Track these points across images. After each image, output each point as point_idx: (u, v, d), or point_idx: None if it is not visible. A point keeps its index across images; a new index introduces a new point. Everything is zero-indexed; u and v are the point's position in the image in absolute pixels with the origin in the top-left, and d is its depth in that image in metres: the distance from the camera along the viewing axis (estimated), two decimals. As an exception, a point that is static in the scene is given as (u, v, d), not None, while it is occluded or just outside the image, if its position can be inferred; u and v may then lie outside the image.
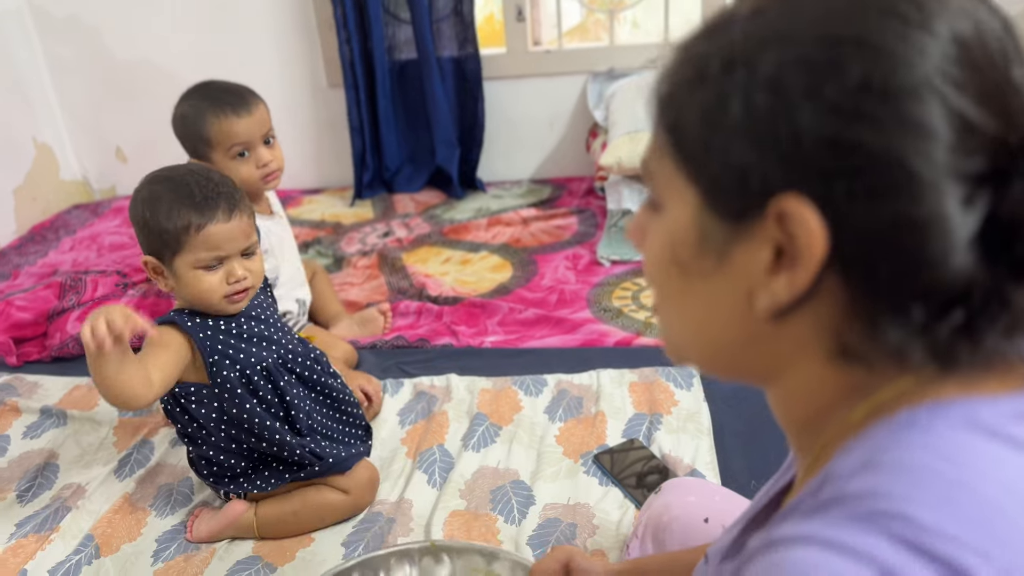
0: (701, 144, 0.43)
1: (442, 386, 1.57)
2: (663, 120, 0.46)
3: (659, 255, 0.48)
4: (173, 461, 1.42)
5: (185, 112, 1.54)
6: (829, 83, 0.39)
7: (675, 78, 0.45)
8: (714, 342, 0.48)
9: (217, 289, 1.13)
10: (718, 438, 1.36)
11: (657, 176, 0.48)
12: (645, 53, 2.48)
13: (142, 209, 1.13)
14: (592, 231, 2.18)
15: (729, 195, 0.43)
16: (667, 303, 0.50)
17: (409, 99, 2.57)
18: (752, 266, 0.43)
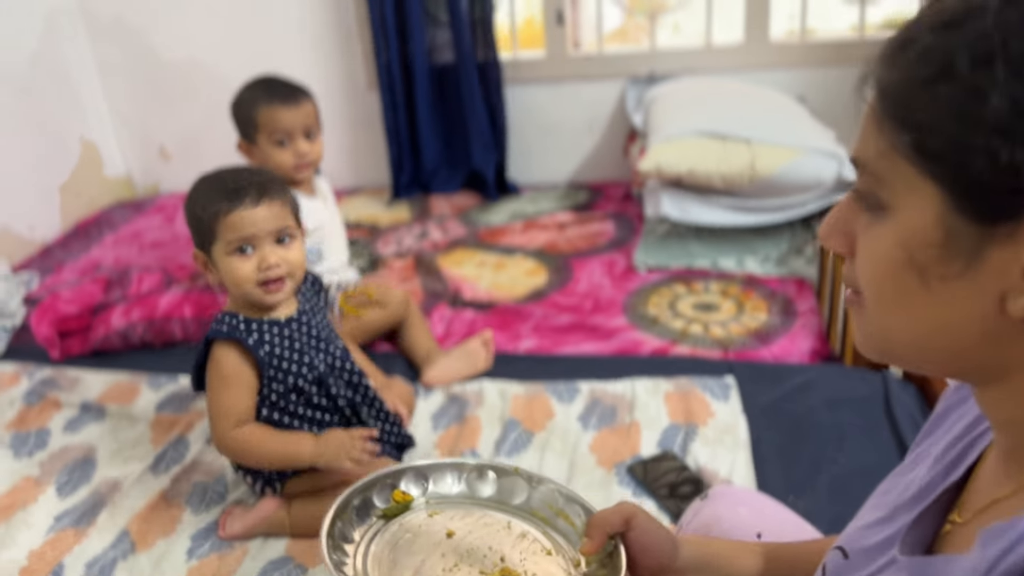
0: (954, 144, 0.42)
1: (474, 391, 1.56)
2: (894, 119, 0.45)
3: (887, 258, 0.47)
4: (208, 459, 1.43)
5: (243, 97, 1.66)
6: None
7: (906, 75, 0.44)
8: (948, 345, 0.47)
9: (251, 276, 1.15)
10: (755, 451, 1.34)
11: (885, 177, 0.46)
12: (686, 58, 2.45)
13: (190, 206, 1.18)
14: (629, 237, 2.16)
15: (986, 196, 0.41)
16: (889, 307, 0.49)
17: (447, 102, 2.57)
18: (1008, 268, 0.42)
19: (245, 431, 1.18)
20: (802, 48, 2.39)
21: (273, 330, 1.20)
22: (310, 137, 1.64)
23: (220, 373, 1.17)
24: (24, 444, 1.51)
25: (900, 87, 0.45)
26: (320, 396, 1.25)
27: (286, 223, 1.18)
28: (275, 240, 1.16)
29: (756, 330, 1.68)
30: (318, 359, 1.23)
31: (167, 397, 1.61)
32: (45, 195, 2.51)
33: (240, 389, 1.17)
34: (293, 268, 1.18)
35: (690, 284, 1.88)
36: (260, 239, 1.15)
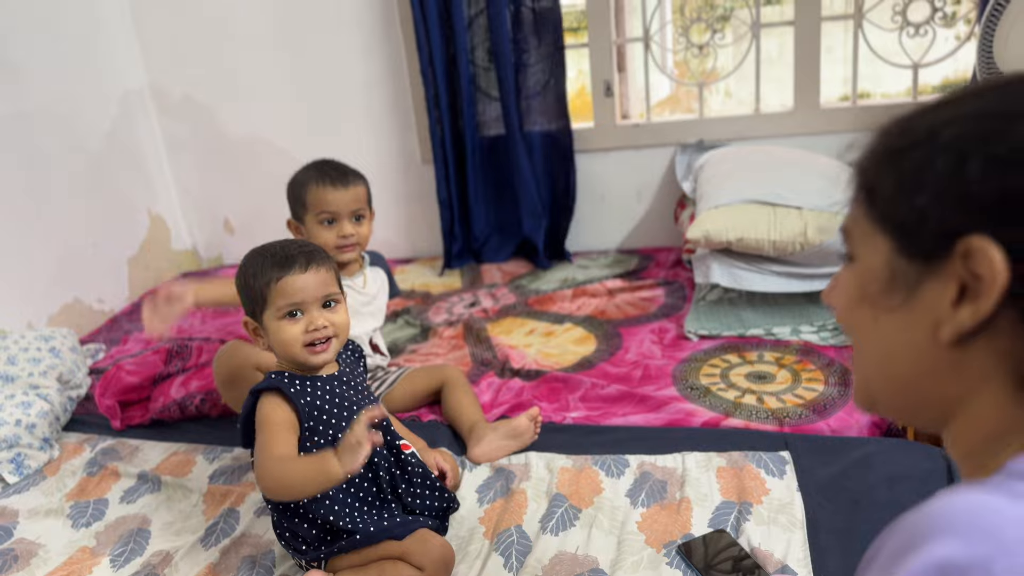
0: (894, 201, 0.53)
1: (520, 463, 1.55)
2: (859, 187, 0.56)
3: (850, 297, 0.58)
4: (258, 531, 1.44)
5: (297, 177, 1.73)
6: (999, 142, 0.47)
7: (870, 154, 0.56)
8: (901, 375, 0.55)
9: (298, 337, 1.20)
10: (811, 533, 1.28)
11: (853, 234, 0.57)
12: (735, 125, 2.46)
13: (240, 276, 1.25)
14: (680, 304, 2.14)
15: (919, 240, 0.51)
16: (860, 341, 0.59)
17: (496, 172, 2.63)
18: (939, 300, 0.50)
19: (278, 459, 1.17)
20: (852, 112, 2.37)
21: (316, 384, 1.24)
22: (359, 220, 1.69)
23: (265, 419, 1.20)
24: (83, 514, 1.54)
25: (865, 165, 0.56)
26: None
27: (332, 289, 1.24)
28: (322, 304, 1.22)
29: (812, 401, 1.63)
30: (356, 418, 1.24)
31: (221, 468, 1.64)
32: (114, 267, 2.63)
33: (284, 432, 1.20)
34: (339, 329, 1.24)
35: (743, 353, 1.84)
36: (308, 304, 1.21)
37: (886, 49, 2.32)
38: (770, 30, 2.44)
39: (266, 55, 2.68)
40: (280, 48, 2.66)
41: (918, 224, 0.51)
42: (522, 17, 2.44)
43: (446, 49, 2.47)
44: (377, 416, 1.17)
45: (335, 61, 2.64)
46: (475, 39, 2.49)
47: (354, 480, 1.26)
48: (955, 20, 2.33)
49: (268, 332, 1.22)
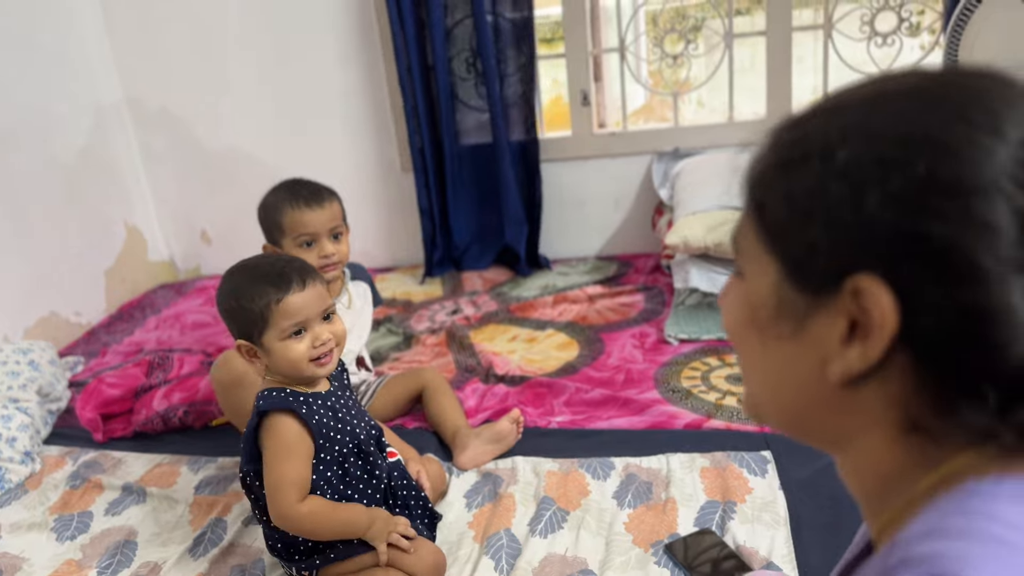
0: (783, 225, 0.48)
1: (507, 468, 1.56)
2: (750, 199, 0.51)
3: (738, 316, 0.54)
4: (247, 541, 1.44)
5: (268, 201, 1.69)
6: (897, 177, 0.42)
7: (762, 162, 0.50)
8: (789, 403, 0.52)
9: (306, 354, 1.20)
10: (795, 529, 1.31)
11: (742, 248, 0.53)
12: (709, 133, 2.50)
13: (227, 300, 1.22)
14: (659, 309, 2.17)
15: (808, 272, 0.47)
16: (747, 361, 0.55)
17: (476, 180, 2.64)
18: (828, 336, 0.47)
19: (309, 505, 1.20)
20: (825, 120, 2.42)
21: (318, 401, 1.24)
22: (337, 238, 1.67)
23: (282, 442, 1.19)
24: (67, 528, 1.53)
25: (755, 173, 0.51)
26: (361, 468, 1.27)
27: (328, 301, 1.24)
28: (322, 318, 1.21)
29: (791, 402, 1.67)
30: (359, 428, 1.27)
31: (206, 478, 1.64)
32: (91, 280, 2.60)
33: (302, 458, 1.20)
34: (340, 340, 1.25)
35: (722, 355, 1.88)
36: (311, 320, 1.20)
37: (855, 58, 2.38)
38: (741, 40, 2.49)
39: (243, 65, 2.68)
40: (257, 58, 2.66)
41: (807, 255, 0.46)
42: (500, 28, 2.47)
43: (423, 58, 2.49)
44: (412, 534, 1.26)
45: (312, 70, 2.65)
46: (453, 49, 2.52)
47: (353, 488, 1.27)
48: (920, 30, 2.40)
49: (270, 353, 1.20)
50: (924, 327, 0.42)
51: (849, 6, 2.38)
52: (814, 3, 2.48)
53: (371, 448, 1.28)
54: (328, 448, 1.23)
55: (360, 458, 1.27)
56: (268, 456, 1.21)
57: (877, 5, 2.32)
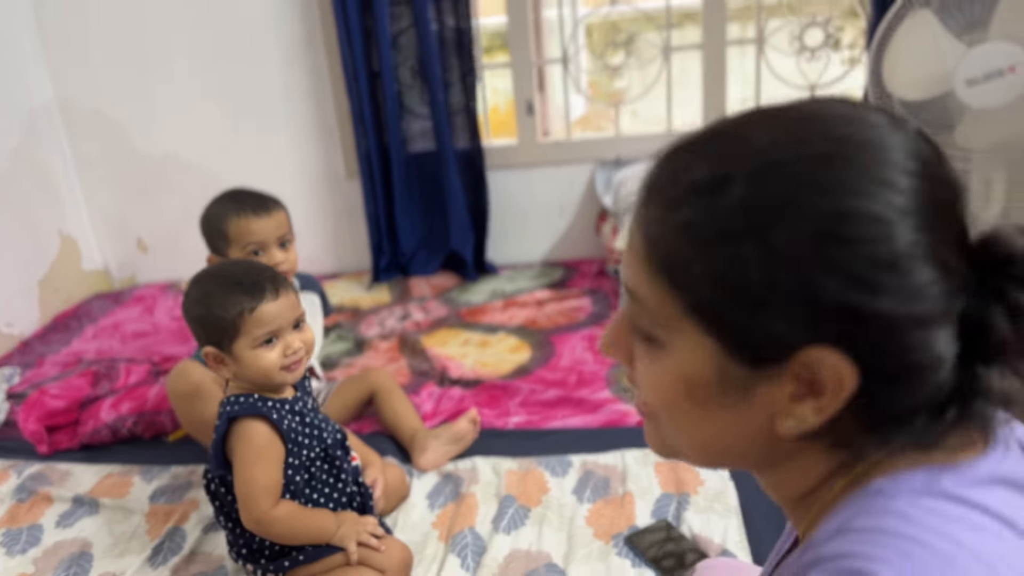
0: (719, 305, 0.46)
1: (467, 468, 1.59)
2: (664, 271, 0.48)
3: (668, 390, 0.51)
4: (208, 548, 1.43)
5: (211, 211, 1.65)
6: (843, 257, 0.43)
7: (673, 226, 0.48)
8: (723, 451, 0.53)
9: (277, 363, 1.21)
10: (747, 518, 1.39)
11: (659, 318, 0.49)
12: (649, 142, 2.59)
13: (196, 307, 1.22)
14: (606, 312, 2.24)
15: (754, 349, 0.46)
16: (675, 426, 0.53)
17: (423, 187, 2.67)
18: (776, 397, 0.47)
19: (281, 509, 1.21)
20: (757, 130, 2.54)
21: (285, 407, 1.24)
22: (284, 246, 1.64)
23: (254, 447, 1.19)
24: (16, 541, 1.49)
25: (664, 236, 0.48)
26: (327, 472, 1.28)
27: (300, 310, 1.25)
28: (293, 327, 1.22)
29: (736, 398, 1.75)
30: (324, 433, 1.28)
31: (160, 487, 1.61)
32: (24, 290, 2.52)
33: (274, 463, 1.21)
34: (309, 347, 1.25)
35: (669, 356, 1.95)
36: (283, 329, 1.21)
37: (786, 71, 2.51)
38: (675, 52, 2.59)
39: (181, 69, 2.64)
40: (196, 62, 2.63)
41: (753, 336, 0.46)
42: (444, 36, 2.50)
43: (369, 65, 2.50)
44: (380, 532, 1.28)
45: (253, 76, 2.63)
46: (399, 56, 2.54)
47: (320, 493, 1.28)
48: (840, 47, 2.53)
49: (240, 361, 1.20)
50: (873, 381, 0.45)
51: (780, 21, 2.51)
52: (745, 18, 2.59)
53: (337, 453, 1.29)
54: (297, 453, 1.24)
55: (327, 462, 1.29)
56: (239, 462, 1.21)
57: (805, 21, 2.46)
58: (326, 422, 1.31)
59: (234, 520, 1.26)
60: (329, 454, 1.28)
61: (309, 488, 1.26)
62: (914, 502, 0.45)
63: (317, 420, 1.29)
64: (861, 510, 0.46)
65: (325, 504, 1.28)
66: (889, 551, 0.42)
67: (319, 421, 1.29)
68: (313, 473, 1.27)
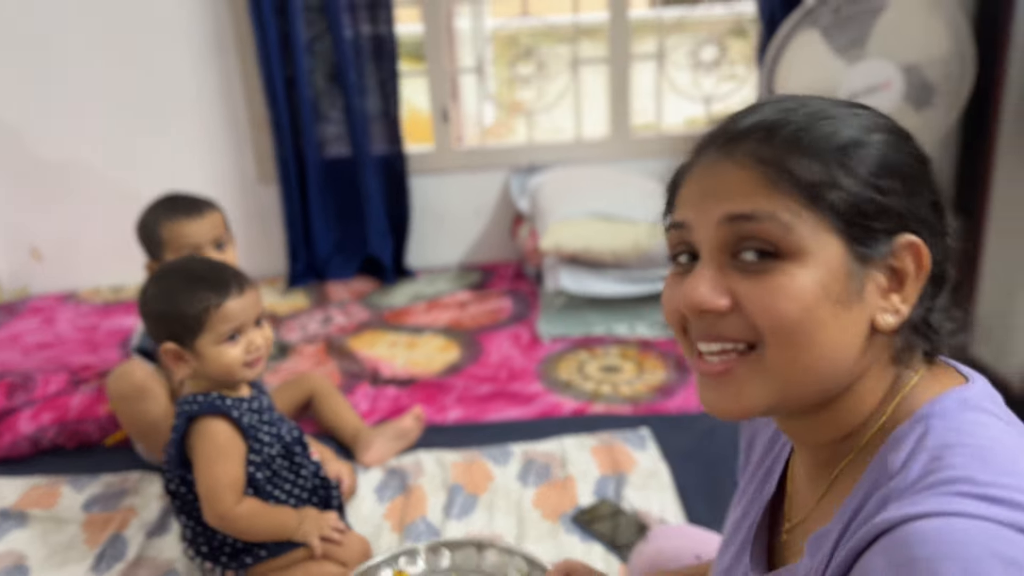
0: (851, 197, 0.56)
1: (412, 462, 1.64)
2: (788, 179, 0.56)
3: (809, 293, 0.55)
4: (153, 553, 1.41)
5: (145, 219, 1.63)
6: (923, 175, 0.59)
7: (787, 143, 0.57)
8: (839, 369, 0.57)
9: (239, 359, 1.22)
10: (680, 490, 1.50)
11: (794, 227, 0.55)
12: (559, 150, 2.71)
13: (157, 303, 1.21)
14: (526, 311, 2.33)
15: (872, 236, 0.56)
16: (803, 345, 0.56)
17: (339, 192, 2.68)
18: (873, 293, 0.57)
19: (245, 506, 1.22)
20: (658, 140, 2.71)
21: (243, 405, 1.25)
22: (220, 248, 1.63)
23: (216, 444, 1.20)
24: (-61, 560, 1.41)
25: (781, 154, 0.56)
26: (287, 469, 1.30)
27: (261, 307, 1.26)
28: (255, 324, 1.23)
29: (658, 386, 1.88)
30: (283, 430, 1.30)
31: (93, 496, 1.57)
32: (-93, 301, 2.35)
33: (237, 460, 1.22)
34: (270, 344, 1.27)
35: (592, 350, 2.07)
36: (247, 326, 1.22)
37: (684, 84, 2.69)
38: (580, 66, 2.73)
39: (80, 71, 2.54)
40: (97, 65, 2.53)
41: (870, 219, 0.56)
42: (360, 43, 2.54)
43: (284, 70, 2.50)
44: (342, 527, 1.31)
45: (159, 79, 2.57)
46: (314, 62, 2.55)
47: (281, 489, 1.29)
48: (733, 63, 2.74)
49: (202, 357, 1.20)
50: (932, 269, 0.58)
51: (678, 38, 2.69)
52: (645, 33, 2.76)
53: (296, 449, 1.31)
54: (258, 450, 1.25)
55: (287, 459, 1.31)
56: (201, 460, 1.21)
57: (701, 38, 2.65)
58: (283, 420, 1.33)
59: (195, 518, 1.26)
60: (289, 451, 1.30)
61: (271, 485, 1.28)
62: (962, 418, 0.56)
63: (274, 418, 1.31)
64: (930, 434, 0.55)
65: (287, 500, 1.29)
66: (970, 459, 0.52)
67: (276, 418, 1.31)
68: (275, 470, 1.28)
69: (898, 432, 0.57)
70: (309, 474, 1.33)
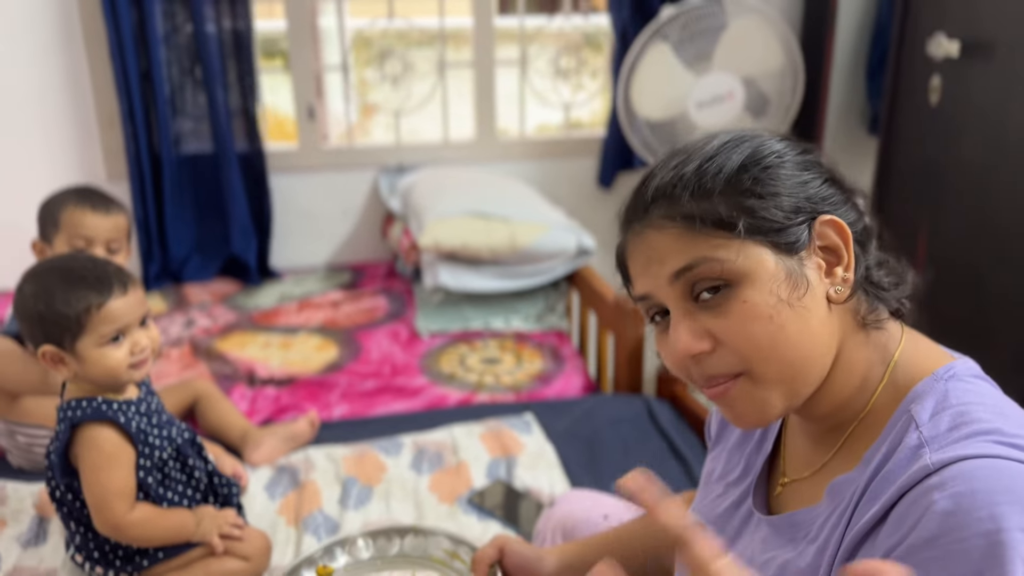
0: (764, 213, 0.64)
1: (301, 458, 1.63)
2: (711, 226, 0.64)
3: (764, 304, 0.64)
4: (31, 563, 1.33)
5: (54, 197, 1.64)
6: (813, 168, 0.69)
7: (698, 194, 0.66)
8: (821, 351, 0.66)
9: (124, 361, 1.17)
10: (566, 468, 1.60)
11: (727, 258, 0.64)
12: (427, 152, 2.76)
13: (34, 303, 1.15)
14: (402, 309, 2.36)
15: (792, 235, 0.65)
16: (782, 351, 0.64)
17: (197, 190, 2.59)
18: (816, 276, 0.66)
19: (138, 513, 1.18)
20: (522, 143, 2.83)
21: (131, 409, 1.21)
22: (112, 251, 1.60)
23: (104, 453, 1.15)
24: None
25: (693, 203, 0.65)
26: (179, 471, 1.26)
27: (146, 307, 1.21)
28: (140, 324, 1.19)
29: (536, 375, 1.97)
30: (174, 432, 1.26)
31: (-53, 515, 1.44)
32: None
33: (126, 467, 1.17)
34: (156, 344, 1.22)
35: (471, 343, 2.13)
36: (131, 326, 1.17)
37: (544, 90, 2.82)
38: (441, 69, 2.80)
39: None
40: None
41: (784, 223, 0.64)
42: (221, 38, 2.47)
43: (139, 63, 2.39)
44: (241, 523, 1.29)
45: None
46: (172, 55, 2.45)
47: (174, 491, 1.25)
48: (589, 74, 2.90)
49: (84, 360, 1.15)
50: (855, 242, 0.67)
51: (539, 48, 2.82)
52: (508, 40, 2.86)
53: (188, 451, 1.28)
54: (148, 454, 1.21)
55: (179, 461, 1.27)
56: (88, 469, 1.16)
57: (560, 47, 2.79)
58: (172, 422, 1.29)
59: (85, 524, 1.20)
60: (181, 452, 1.27)
61: (163, 488, 1.24)
62: (974, 383, 0.65)
63: (164, 420, 1.27)
64: (952, 395, 0.62)
65: (180, 503, 1.26)
66: (994, 415, 0.60)
67: (166, 421, 1.27)
68: (167, 473, 1.25)
69: (918, 390, 0.65)
70: (203, 475, 1.30)
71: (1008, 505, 0.54)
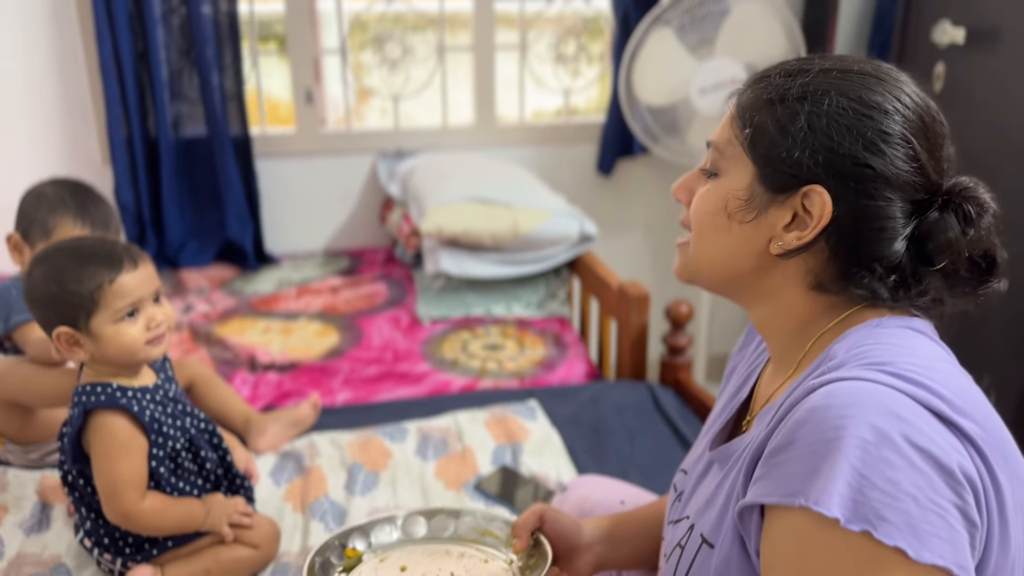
0: (771, 143, 0.68)
1: (305, 445, 1.62)
2: (741, 120, 0.71)
3: (712, 205, 0.73)
4: (35, 550, 1.31)
5: (46, 194, 1.50)
6: (861, 126, 0.66)
7: (757, 96, 0.71)
8: (733, 269, 0.74)
9: (140, 337, 1.16)
10: (572, 454, 1.59)
11: (725, 153, 0.73)
12: (426, 136, 2.74)
13: (45, 285, 1.13)
14: (402, 295, 2.34)
15: (780, 177, 0.68)
16: (704, 240, 0.74)
17: (192, 175, 2.56)
18: (776, 222, 0.70)
19: (149, 502, 1.17)
20: (522, 128, 2.81)
21: (146, 396, 1.19)
22: None
23: (117, 441, 1.13)
24: None
25: (751, 102, 0.71)
26: (191, 461, 1.25)
27: (158, 282, 1.20)
28: (153, 299, 1.17)
29: (540, 361, 1.97)
30: (188, 422, 1.25)
31: (-51, 501, 1.43)
32: None
33: (137, 456, 1.15)
34: (171, 321, 1.21)
35: (473, 330, 2.12)
36: (145, 301, 1.16)
37: (545, 75, 2.80)
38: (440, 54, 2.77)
39: None
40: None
41: (781, 163, 0.67)
42: (218, 20, 2.43)
43: (135, 46, 2.36)
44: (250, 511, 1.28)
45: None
46: (168, 38, 2.42)
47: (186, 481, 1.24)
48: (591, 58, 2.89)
49: (100, 338, 1.13)
50: (843, 224, 0.67)
51: (539, 32, 2.80)
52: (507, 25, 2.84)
53: (201, 441, 1.26)
54: (161, 444, 1.20)
55: (191, 452, 1.25)
56: (100, 457, 1.15)
57: (560, 31, 2.77)
58: (188, 411, 1.27)
59: (96, 510, 1.19)
60: (194, 443, 1.25)
61: (175, 478, 1.23)
62: (899, 332, 0.67)
63: (180, 409, 1.25)
64: (868, 336, 0.66)
65: (191, 492, 1.25)
66: (895, 353, 0.63)
67: (181, 411, 1.25)
68: (179, 463, 1.23)
69: (848, 332, 0.69)
70: (215, 466, 1.28)
71: (854, 418, 0.57)
